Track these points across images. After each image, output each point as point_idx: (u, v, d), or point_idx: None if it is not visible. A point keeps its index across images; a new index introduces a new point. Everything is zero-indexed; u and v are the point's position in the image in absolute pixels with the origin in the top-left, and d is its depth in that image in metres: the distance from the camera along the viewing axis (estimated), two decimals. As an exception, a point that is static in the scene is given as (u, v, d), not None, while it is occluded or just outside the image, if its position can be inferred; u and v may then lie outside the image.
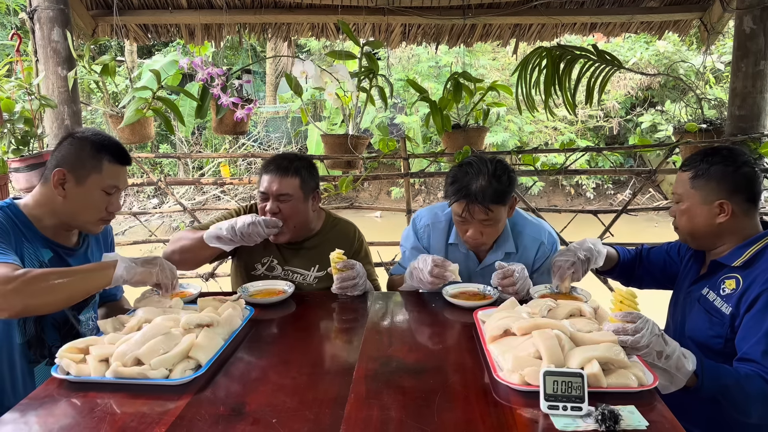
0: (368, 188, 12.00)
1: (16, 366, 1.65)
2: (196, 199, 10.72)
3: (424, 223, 2.20)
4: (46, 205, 1.69)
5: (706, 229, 1.72)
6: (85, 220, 1.72)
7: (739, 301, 1.58)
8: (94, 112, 10.43)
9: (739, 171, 1.66)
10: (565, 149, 3.25)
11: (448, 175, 2.03)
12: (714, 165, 1.67)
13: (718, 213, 1.68)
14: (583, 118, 11.39)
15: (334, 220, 2.31)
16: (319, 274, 2.20)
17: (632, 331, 1.35)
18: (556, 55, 2.85)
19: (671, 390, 1.38)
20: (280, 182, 2.05)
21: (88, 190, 1.68)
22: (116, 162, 1.73)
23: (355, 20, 3.36)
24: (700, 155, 1.74)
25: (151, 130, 2.83)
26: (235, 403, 1.23)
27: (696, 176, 1.70)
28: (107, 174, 1.70)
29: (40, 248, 1.69)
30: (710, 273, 1.74)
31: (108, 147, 1.71)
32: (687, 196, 1.73)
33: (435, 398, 1.24)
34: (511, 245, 2.09)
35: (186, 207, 3.59)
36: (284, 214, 2.06)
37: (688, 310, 1.76)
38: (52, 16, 2.69)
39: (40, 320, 1.68)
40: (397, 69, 11.35)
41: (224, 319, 1.57)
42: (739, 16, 2.98)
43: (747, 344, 1.52)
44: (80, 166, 1.67)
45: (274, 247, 2.19)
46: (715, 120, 3.12)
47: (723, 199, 1.66)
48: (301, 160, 2.13)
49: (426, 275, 1.87)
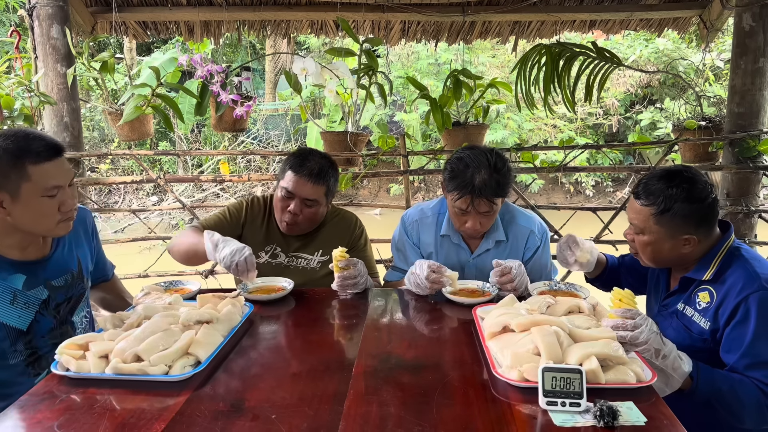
0: (368, 185, 11.99)
1: (16, 383, 1.63)
2: (195, 196, 10.71)
3: (411, 220, 2.24)
4: (1, 225, 1.56)
5: (672, 258, 1.69)
6: (44, 228, 1.58)
7: (716, 315, 1.57)
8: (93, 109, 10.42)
9: (703, 205, 1.59)
10: (565, 146, 3.25)
11: (445, 168, 2.05)
12: (678, 202, 1.59)
13: (684, 245, 1.64)
14: (582, 116, 11.39)
15: (337, 211, 2.36)
16: (322, 259, 2.23)
17: (632, 326, 1.35)
18: (555, 52, 2.85)
19: (667, 393, 1.39)
20: (311, 188, 2.07)
21: (28, 200, 1.50)
22: (43, 161, 1.51)
23: (355, 17, 3.35)
24: (659, 186, 1.63)
25: (150, 127, 2.82)
26: (234, 400, 1.23)
27: (660, 213, 1.61)
28: (38, 177, 1.50)
29: (8, 276, 1.59)
30: (682, 288, 1.72)
31: (25, 149, 1.49)
32: (650, 231, 1.65)
33: (434, 394, 1.24)
34: (501, 234, 2.13)
35: (185, 204, 3.59)
36: (305, 216, 2.11)
37: (667, 324, 1.74)
38: (51, 13, 2.69)
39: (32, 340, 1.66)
40: (396, 66, 11.34)
41: (224, 315, 1.57)
42: (739, 14, 2.98)
43: (732, 358, 1.52)
44: (6, 180, 1.48)
45: (277, 235, 2.23)
46: (714, 117, 3.12)
47: (690, 234, 1.62)
48: (331, 166, 2.15)
49: (423, 280, 1.88)
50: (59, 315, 1.73)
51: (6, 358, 1.62)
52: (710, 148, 3.05)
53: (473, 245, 2.18)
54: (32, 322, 1.65)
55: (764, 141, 2.94)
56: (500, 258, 1.96)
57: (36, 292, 1.66)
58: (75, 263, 1.81)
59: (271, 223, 2.25)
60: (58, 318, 1.73)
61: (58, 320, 1.73)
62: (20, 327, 1.63)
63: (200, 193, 10.83)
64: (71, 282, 1.77)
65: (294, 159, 2.11)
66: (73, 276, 1.78)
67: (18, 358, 1.64)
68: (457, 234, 2.16)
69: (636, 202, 1.69)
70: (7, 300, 1.59)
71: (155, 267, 3.45)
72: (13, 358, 1.63)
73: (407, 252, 2.22)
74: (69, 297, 1.76)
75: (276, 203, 2.15)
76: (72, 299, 1.78)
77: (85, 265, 1.86)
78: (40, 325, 1.67)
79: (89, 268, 1.90)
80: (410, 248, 2.22)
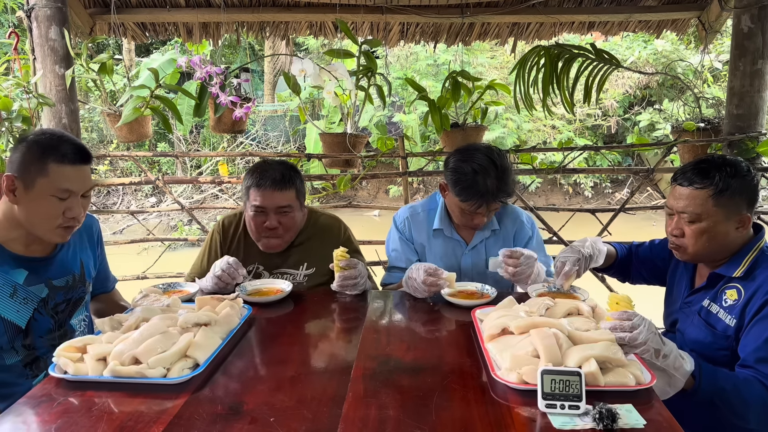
0: (366, 187, 11.99)
1: (15, 384, 1.64)
2: (194, 197, 10.71)
3: (403, 218, 2.28)
4: (9, 216, 1.60)
5: (724, 246, 1.64)
6: (43, 228, 1.60)
7: (743, 312, 1.56)
8: (92, 111, 10.41)
9: (750, 178, 1.60)
10: (564, 148, 3.25)
11: (446, 169, 2.07)
12: (734, 178, 1.58)
13: (737, 227, 1.61)
14: (581, 117, 11.40)
15: (316, 215, 2.27)
16: (308, 272, 2.17)
17: (629, 327, 1.35)
18: (554, 53, 2.85)
19: (670, 394, 1.37)
20: (280, 196, 2.00)
21: (38, 195, 1.55)
22: (65, 163, 1.56)
23: (354, 19, 3.35)
24: (710, 169, 1.61)
25: (148, 128, 2.82)
26: (232, 402, 1.23)
27: (719, 193, 1.58)
28: (55, 177, 1.55)
29: (10, 270, 1.61)
30: (710, 285, 1.70)
31: (54, 147, 1.55)
32: (708, 215, 1.60)
33: (433, 397, 1.24)
34: (495, 222, 2.21)
35: (184, 206, 3.59)
36: (285, 226, 2.05)
37: (689, 321, 1.73)
38: (49, 15, 2.68)
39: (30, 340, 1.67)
40: (395, 67, 11.34)
41: (222, 318, 1.57)
42: (737, 15, 2.99)
43: (746, 350, 1.52)
44: (26, 170, 1.54)
45: (257, 254, 2.14)
46: (713, 119, 3.12)
47: (744, 212, 1.60)
48: (291, 169, 2.08)
49: (420, 284, 1.88)
50: (57, 316, 1.73)
51: (3, 358, 1.62)
52: (709, 149, 3.05)
53: (467, 237, 2.22)
54: (30, 320, 1.65)
55: (763, 142, 2.94)
56: (495, 247, 2.04)
57: (36, 289, 1.67)
58: (78, 266, 1.81)
59: (248, 241, 2.16)
60: (56, 319, 1.73)
61: (56, 321, 1.73)
62: (18, 323, 1.63)
63: (199, 195, 10.83)
64: (72, 284, 1.77)
65: (252, 175, 2.04)
66: (75, 278, 1.79)
67: (16, 358, 1.64)
68: (451, 227, 2.21)
69: (686, 189, 1.63)
70: (7, 293, 1.61)
71: (154, 269, 3.45)
72: (11, 358, 1.63)
73: (402, 249, 2.25)
74: (68, 299, 1.76)
75: (250, 225, 2.08)
76: (71, 301, 1.78)
77: (88, 270, 1.87)
78: (38, 324, 1.68)
79: (92, 274, 1.91)
80: (405, 245, 2.25)
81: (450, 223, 2.21)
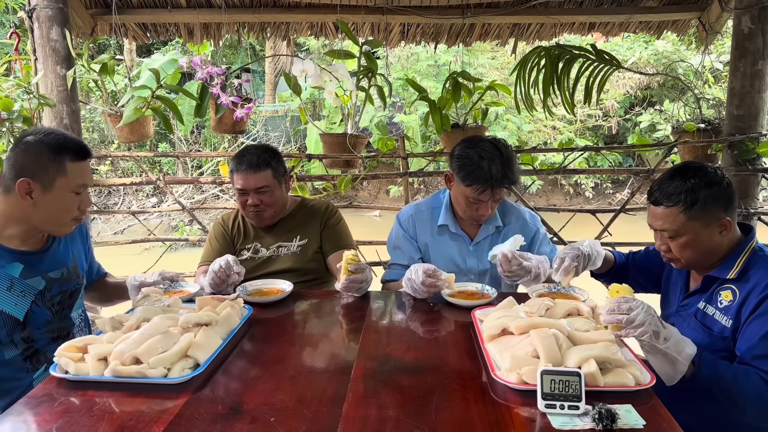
0: (367, 187, 11.99)
1: (15, 379, 1.64)
2: (195, 198, 10.72)
3: (407, 215, 2.31)
4: (10, 215, 1.63)
5: (712, 252, 1.66)
6: (58, 223, 1.67)
7: (738, 312, 1.57)
8: (93, 111, 10.42)
9: (723, 186, 1.60)
10: (564, 148, 3.25)
11: (452, 159, 2.10)
12: (702, 189, 1.58)
13: (720, 230, 1.62)
14: (581, 118, 11.39)
15: (307, 201, 2.50)
16: (301, 243, 2.36)
17: (626, 309, 1.35)
18: (554, 54, 2.86)
19: (676, 379, 1.37)
20: (255, 177, 2.21)
21: (57, 194, 1.61)
22: (78, 159, 1.65)
23: (354, 19, 3.36)
24: (675, 184, 1.62)
25: (149, 129, 2.83)
26: (233, 402, 1.24)
27: (689, 207, 1.60)
28: (73, 174, 1.63)
29: (6, 264, 1.63)
30: (704, 288, 1.71)
31: (66, 146, 1.63)
32: (686, 230, 1.62)
33: (433, 397, 1.24)
34: (498, 220, 2.24)
35: (185, 206, 3.59)
36: (265, 203, 2.26)
37: (685, 325, 1.74)
38: (50, 15, 2.68)
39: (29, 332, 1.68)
40: (396, 68, 11.34)
41: (222, 318, 1.57)
42: (738, 16, 2.99)
43: (743, 348, 1.52)
44: (43, 172, 1.59)
45: (252, 234, 2.39)
46: (713, 119, 3.12)
47: (723, 216, 1.61)
48: (267, 151, 2.29)
49: (419, 286, 1.88)
50: (55, 308, 1.75)
51: (2, 352, 1.62)
52: (709, 150, 3.05)
53: (472, 233, 2.24)
54: (28, 312, 1.66)
55: (763, 143, 2.94)
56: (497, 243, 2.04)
57: (33, 282, 1.68)
58: (70, 258, 1.84)
59: (245, 224, 2.41)
60: (54, 311, 1.74)
61: (54, 313, 1.75)
62: (16, 316, 1.64)
63: (200, 195, 10.84)
64: (67, 276, 1.80)
65: (234, 161, 2.28)
66: (69, 270, 1.81)
67: (15, 351, 1.65)
68: (456, 223, 2.22)
69: (658, 208, 1.65)
70: (4, 286, 1.62)
71: (155, 269, 3.45)
72: (10, 352, 1.64)
73: (405, 246, 2.26)
74: (64, 290, 1.78)
75: (239, 206, 2.34)
76: (67, 293, 1.80)
77: (81, 263, 1.90)
78: (36, 316, 1.69)
79: (84, 267, 1.94)
80: (407, 242, 2.27)
81: (455, 219, 2.22)
